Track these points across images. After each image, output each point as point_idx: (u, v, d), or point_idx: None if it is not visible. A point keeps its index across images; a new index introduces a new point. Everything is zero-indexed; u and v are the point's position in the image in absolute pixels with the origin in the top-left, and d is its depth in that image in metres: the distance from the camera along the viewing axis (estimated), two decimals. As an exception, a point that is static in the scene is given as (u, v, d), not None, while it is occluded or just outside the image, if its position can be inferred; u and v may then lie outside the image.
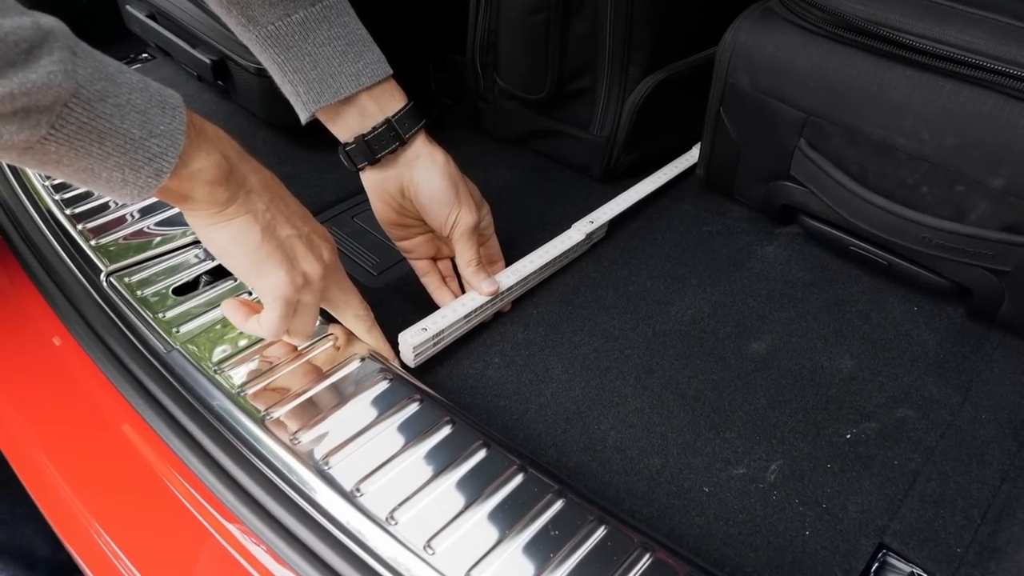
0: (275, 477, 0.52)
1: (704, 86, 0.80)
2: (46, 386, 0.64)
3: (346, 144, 0.64)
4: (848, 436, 0.63)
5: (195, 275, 0.70)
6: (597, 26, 0.79)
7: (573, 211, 0.82)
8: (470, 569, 0.46)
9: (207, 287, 0.69)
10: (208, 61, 0.93)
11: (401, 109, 0.63)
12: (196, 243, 0.73)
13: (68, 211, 0.76)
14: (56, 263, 0.70)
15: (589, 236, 0.78)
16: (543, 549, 0.48)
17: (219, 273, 0.70)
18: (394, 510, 0.50)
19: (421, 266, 0.71)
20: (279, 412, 0.57)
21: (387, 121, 0.62)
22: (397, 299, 0.74)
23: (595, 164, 0.89)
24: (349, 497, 0.50)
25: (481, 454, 0.54)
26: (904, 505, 0.57)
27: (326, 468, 0.52)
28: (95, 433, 0.60)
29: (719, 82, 0.77)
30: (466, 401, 0.64)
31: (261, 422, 0.55)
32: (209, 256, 0.72)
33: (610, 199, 0.83)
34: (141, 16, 1.03)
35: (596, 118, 0.85)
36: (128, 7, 1.04)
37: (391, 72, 0.62)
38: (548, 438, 0.62)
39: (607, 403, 0.65)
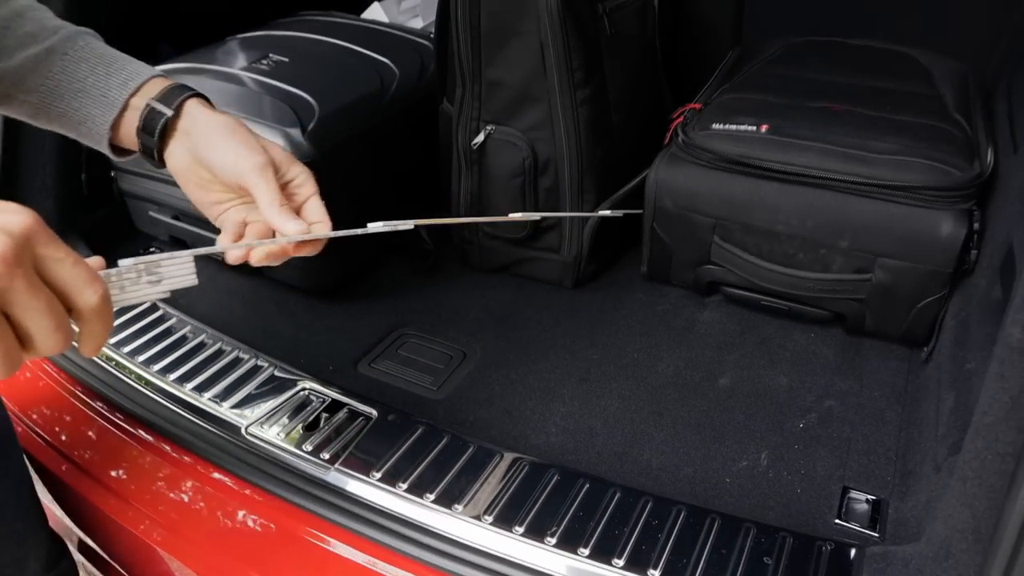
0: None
1: (635, 206, 1.13)
2: (250, 532, 0.81)
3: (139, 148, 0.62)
4: (801, 425, 0.93)
5: (316, 413, 0.90)
6: (558, 181, 1.11)
7: (551, 315, 1.12)
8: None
9: (326, 426, 0.89)
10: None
11: (164, 89, 0.61)
12: (310, 387, 0.94)
13: (187, 387, 0.94)
14: (205, 434, 0.87)
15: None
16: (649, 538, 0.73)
17: (350, 416, 0.91)
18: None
19: (230, 236, 0.64)
20: (432, 496, 0.78)
21: (148, 105, 0.61)
22: (461, 400, 0.98)
23: (567, 278, 1.18)
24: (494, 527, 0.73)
25: (586, 485, 0.79)
26: (848, 459, 0.88)
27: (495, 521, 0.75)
28: (301, 551, 0.78)
29: (650, 206, 1.10)
30: (563, 460, 0.88)
31: (418, 502, 0.77)
32: (327, 404, 0.92)
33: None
34: (165, 218, 1.23)
35: (564, 244, 1.15)
36: (151, 213, 1.24)
37: (156, 72, 0.62)
38: (612, 472, 0.87)
39: (641, 441, 0.92)
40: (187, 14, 1.46)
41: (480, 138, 1.10)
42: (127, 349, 1.00)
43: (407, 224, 0.65)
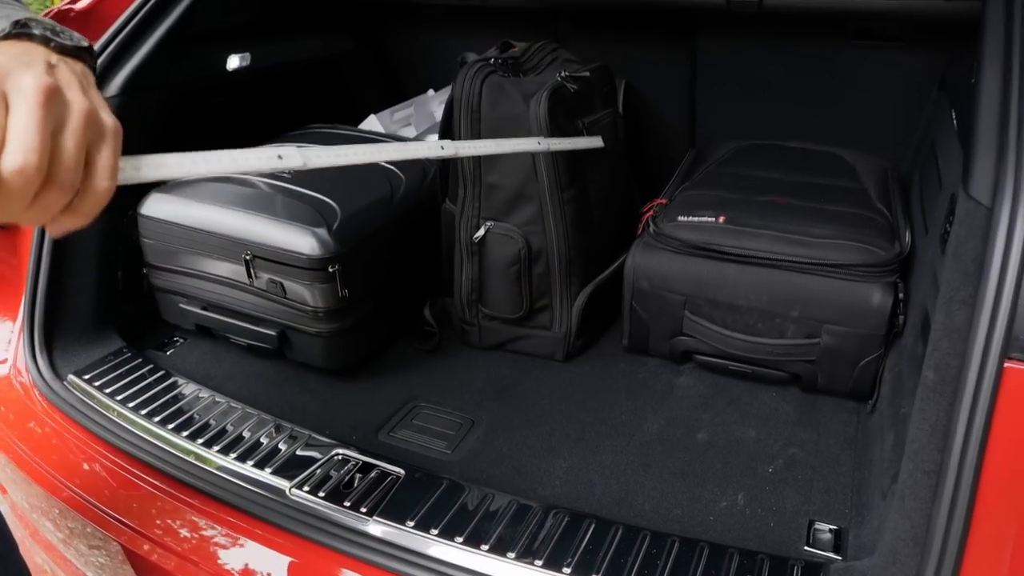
0: None
1: (615, 286, 1.31)
2: None
3: None
4: (770, 470, 1.08)
5: (350, 474, 1.02)
6: (549, 268, 1.28)
7: (546, 385, 1.27)
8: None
9: (360, 484, 1.01)
10: (274, 334, 1.28)
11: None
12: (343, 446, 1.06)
13: (232, 456, 1.05)
14: (254, 497, 0.98)
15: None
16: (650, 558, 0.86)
17: (375, 478, 1.03)
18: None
19: None
20: (461, 538, 0.90)
21: None
22: (475, 461, 1.11)
23: (558, 351, 1.34)
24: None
25: (592, 524, 0.92)
26: (812, 497, 1.03)
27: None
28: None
29: (629, 287, 1.28)
30: (568, 506, 1.01)
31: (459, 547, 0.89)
32: (359, 466, 1.04)
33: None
34: (195, 309, 1.36)
35: (555, 322, 1.32)
36: (182, 305, 1.37)
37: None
38: (611, 515, 1.00)
39: (635, 489, 1.05)
40: (191, 130, 1.63)
41: (481, 232, 1.27)
42: (172, 425, 1.11)
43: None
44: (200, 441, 1.09)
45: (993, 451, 0.70)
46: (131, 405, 1.14)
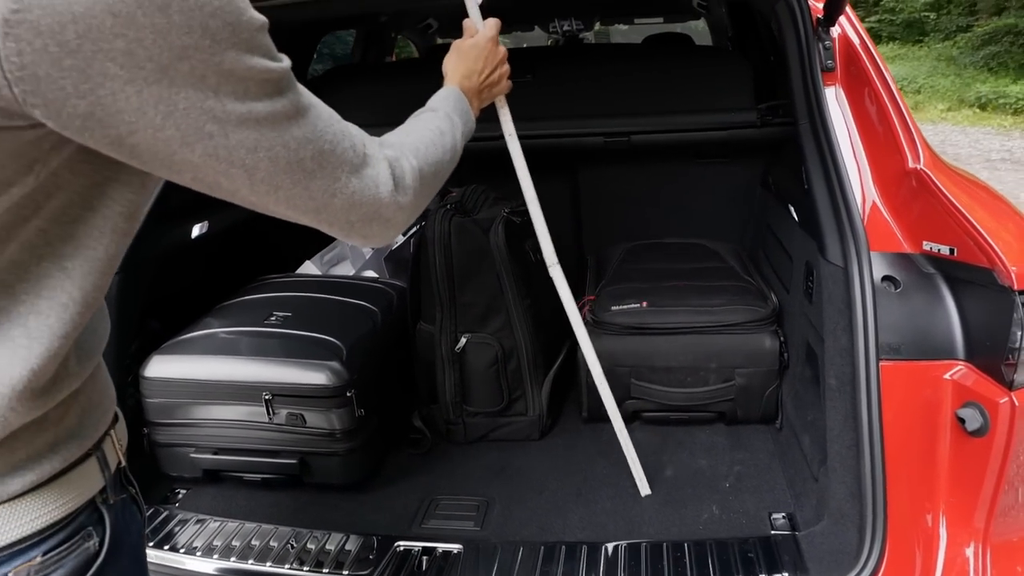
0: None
1: (568, 369, 1.62)
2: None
3: None
4: (727, 485, 1.42)
5: (418, 557, 1.21)
6: (520, 363, 1.57)
7: (535, 460, 1.53)
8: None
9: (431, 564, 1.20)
10: (294, 462, 1.43)
11: None
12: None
13: (306, 569, 1.20)
14: None
15: None
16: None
17: None
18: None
19: None
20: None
21: None
22: (504, 529, 1.34)
23: (534, 432, 1.61)
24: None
25: (609, 546, 1.19)
26: (763, 497, 1.37)
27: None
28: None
29: (583, 367, 1.59)
30: (607, 540, 1.27)
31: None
32: (423, 550, 1.23)
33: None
34: (207, 455, 1.47)
35: (529, 407, 1.60)
36: (192, 455, 1.48)
37: None
38: (634, 540, 1.27)
39: (633, 520, 1.34)
40: (167, 294, 1.77)
41: (462, 343, 1.54)
42: (233, 557, 1.23)
43: None
44: (269, 563, 1.22)
45: (885, 419, 1.08)
46: (195, 554, 1.25)
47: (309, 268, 2.06)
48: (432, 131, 0.82)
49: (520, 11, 3.02)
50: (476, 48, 1.05)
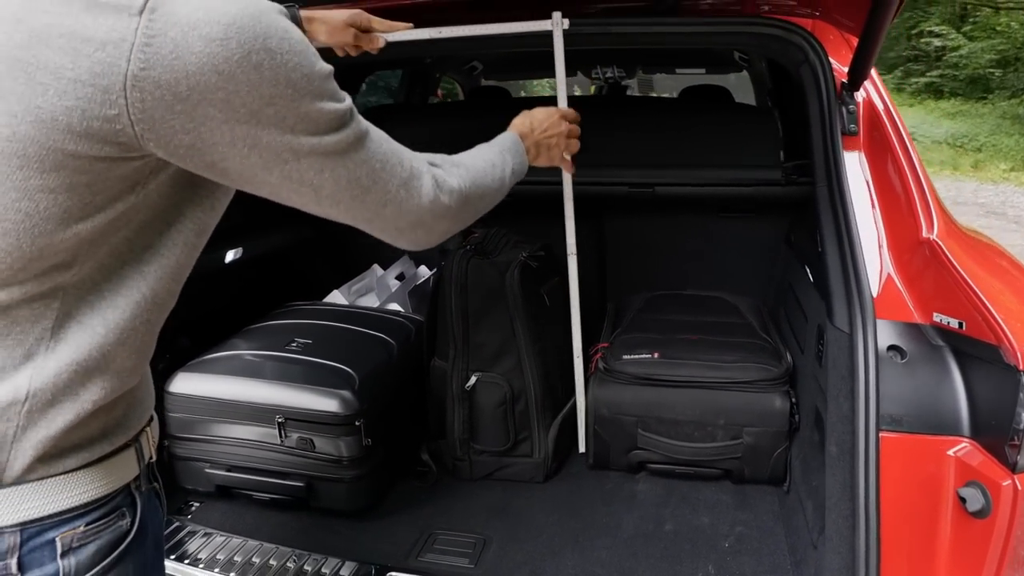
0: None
1: (572, 416, 1.63)
2: None
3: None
4: (726, 545, 1.40)
5: (407, 592, 1.23)
6: (528, 405, 1.59)
7: (536, 502, 1.54)
8: None
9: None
10: (301, 484, 1.47)
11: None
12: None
13: (299, 591, 1.23)
14: None
15: None
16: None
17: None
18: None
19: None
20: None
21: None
22: (498, 570, 1.34)
23: (538, 475, 1.62)
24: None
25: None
26: (762, 560, 1.35)
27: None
28: None
29: (591, 414, 1.60)
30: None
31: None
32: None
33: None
34: (220, 472, 1.52)
35: (535, 450, 1.61)
36: (207, 469, 1.53)
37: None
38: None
39: (631, 573, 1.33)
40: (199, 314, 1.85)
41: (472, 381, 1.57)
42: (235, 573, 1.27)
43: None
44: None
45: (885, 492, 1.07)
46: (198, 566, 1.30)
47: (336, 297, 2.13)
48: (484, 160, 0.92)
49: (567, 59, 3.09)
50: (544, 111, 1.18)
